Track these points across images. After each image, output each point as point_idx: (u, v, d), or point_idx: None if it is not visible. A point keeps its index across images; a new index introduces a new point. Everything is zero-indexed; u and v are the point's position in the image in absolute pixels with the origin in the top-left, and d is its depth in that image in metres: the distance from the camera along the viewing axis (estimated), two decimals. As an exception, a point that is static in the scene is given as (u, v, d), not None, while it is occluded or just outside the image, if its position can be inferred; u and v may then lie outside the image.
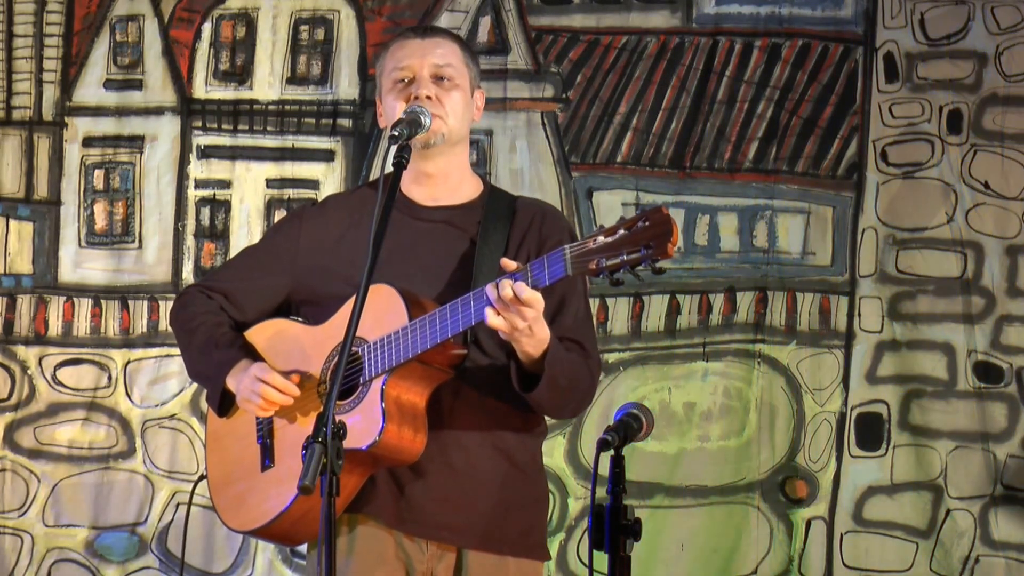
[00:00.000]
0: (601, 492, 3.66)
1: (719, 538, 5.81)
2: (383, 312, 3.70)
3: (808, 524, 5.79)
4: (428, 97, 3.85)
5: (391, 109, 3.89)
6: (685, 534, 5.81)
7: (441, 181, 3.94)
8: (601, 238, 3.45)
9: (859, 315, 5.81)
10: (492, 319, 3.52)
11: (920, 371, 5.78)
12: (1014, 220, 5.76)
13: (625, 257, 3.42)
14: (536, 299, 3.51)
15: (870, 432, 5.79)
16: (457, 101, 3.90)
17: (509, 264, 3.54)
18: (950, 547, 5.72)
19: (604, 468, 3.66)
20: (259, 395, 3.79)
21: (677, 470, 5.82)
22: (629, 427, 3.74)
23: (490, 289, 3.52)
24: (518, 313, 3.51)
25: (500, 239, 3.86)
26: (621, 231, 3.43)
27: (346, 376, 3.72)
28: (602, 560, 3.67)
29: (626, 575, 3.65)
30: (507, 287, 3.49)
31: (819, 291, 5.84)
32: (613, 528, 3.64)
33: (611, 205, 5.88)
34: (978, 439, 5.73)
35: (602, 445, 3.68)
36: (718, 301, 5.86)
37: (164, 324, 6.04)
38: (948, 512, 5.73)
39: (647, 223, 3.40)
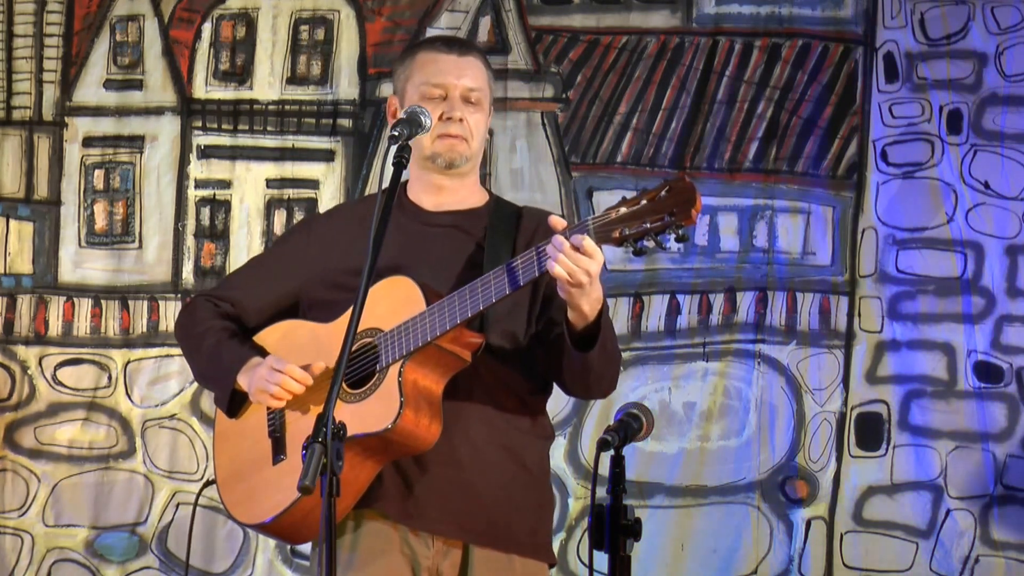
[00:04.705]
0: (601, 492, 3.65)
1: (719, 538, 5.81)
2: (400, 302, 3.72)
3: (808, 524, 5.79)
4: (461, 120, 3.90)
5: None
6: (685, 534, 5.81)
7: (451, 193, 3.99)
8: (623, 209, 3.49)
9: (859, 315, 5.81)
10: (555, 269, 3.54)
11: (920, 371, 5.78)
12: (1014, 220, 5.76)
13: (648, 225, 3.44)
14: (596, 251, 3.53)
15: (870, 432, 5.79)
16: (480, 124, 3.96)
17: (559, 223, 3.56)
18: (950, 547, 5.72)
19: (604, 468, 3.66)
20: (276, 384, 3.80)
21: (677, 470, 5.83)
22: (629, 427, 3.74)
23: (557, 240, 3.53)
24: (579, 265, 3.52)
25: (507, 243, 3.89)
26: (643, 201, 3.46)
27: (364, 365, 3.75)
28: (602, 560, 3.67)
29: (626, 575, 3.65)
30: (573, 239, 3.51)
31: (819, 291, 5.84)
32: (613, 528, 3.64)
33: (611, 205, 5.87)
34: (978, 439, 5.73)
35: (602, 445, 3.68)
36: (718, 301, 5.86)
37: (164, 324, 6.05)
38: (948, 512, 5.73)
39: (669, 191, 3.43)
